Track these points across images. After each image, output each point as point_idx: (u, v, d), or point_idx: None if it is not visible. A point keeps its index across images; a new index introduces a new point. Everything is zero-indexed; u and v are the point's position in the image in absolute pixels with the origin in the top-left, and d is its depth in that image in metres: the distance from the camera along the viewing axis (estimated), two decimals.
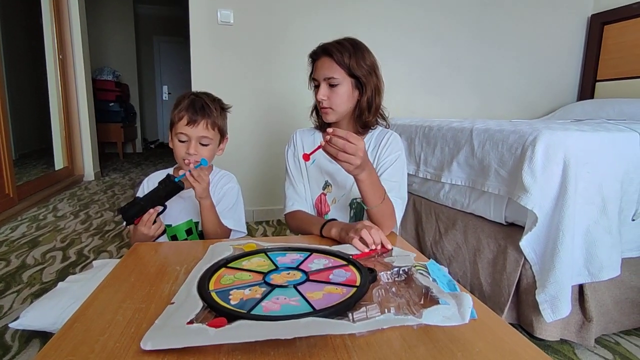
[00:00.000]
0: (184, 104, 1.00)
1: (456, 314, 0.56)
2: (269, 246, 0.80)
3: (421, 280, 0.63)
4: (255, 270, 0.69)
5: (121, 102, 5.36)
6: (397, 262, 0.73)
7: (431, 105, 2.83)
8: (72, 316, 0.56)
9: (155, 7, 6.47)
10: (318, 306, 0.56)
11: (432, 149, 1.65)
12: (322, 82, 1.04)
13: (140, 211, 0.93)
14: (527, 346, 0.51)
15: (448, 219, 1.56)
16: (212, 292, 0.60)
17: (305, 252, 0.78)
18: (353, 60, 1.02)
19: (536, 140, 1.13)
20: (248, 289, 0.61)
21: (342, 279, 0.66)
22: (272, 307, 0.56)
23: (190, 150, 1.00)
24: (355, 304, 0.56)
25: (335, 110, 1.06)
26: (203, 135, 1.01)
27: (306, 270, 0.69)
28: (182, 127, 0.99)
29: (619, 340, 1.24)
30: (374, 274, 0.66)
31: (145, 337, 0.48)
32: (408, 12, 2.67)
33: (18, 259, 1.79)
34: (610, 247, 1.14)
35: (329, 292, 0.61)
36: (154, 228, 0.95)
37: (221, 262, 0.71)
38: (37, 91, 3.84)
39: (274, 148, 2.52)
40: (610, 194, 1.14)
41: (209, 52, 2.34)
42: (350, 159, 0.81)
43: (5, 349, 1.13)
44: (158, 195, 0.93)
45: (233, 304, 0.57)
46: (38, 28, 3.33)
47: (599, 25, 2.93)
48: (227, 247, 0.80)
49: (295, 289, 0.62)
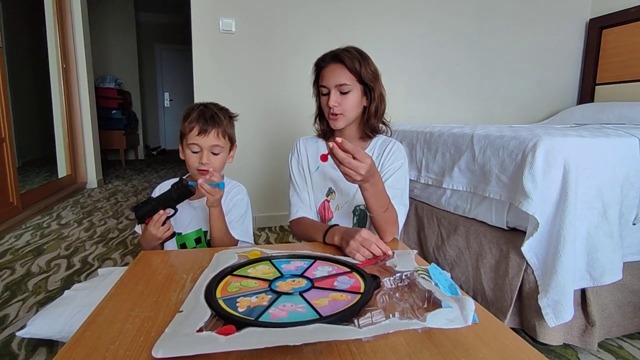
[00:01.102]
0: (194, 115, 1.02)
1: (459, 317, 0.57)
2: (274, 254, 0.81)
3: (424, 284, 0.64)
4: (260, 277, 0.70)
5: (123, 109, 5.39)
6: (399, 265, 0.75)
7: (431, 111, 2.85)
8: (83, 324, 0.57)
9: (157, 16, 6.54)
10: (324, 313, 0.57)
11: (433, 155, 1.66)
12: (332, 89, 1.05)
13: (151, 210, 0.95)
14: (529, 351, 0.52)
15: (450, 224, 1.57)
16: (220, 300, 0.61)
17: (309, 260, 0.79)
18: (362, 67, 1.04)
19: (536, 146, 1.14)
20: (255, 297, 0.62)
21: (346, 285, 0.67)
22: (279, 314, 0.57)
23: (203, 160, 1.02)
24: (360, 310, 0.58)
25: (345, 116, 1.08)
26: (214, 144, 1.03)
27: (311, 277, 0.70)
28: (193, 137, 1.01)
29: (622, 344, 1.24)
30: (378, 281, 0.67)
31: (156, 346, 0.49)
32: (408, 20, 2.70)
33: (23, 267, 1.81)
34: (611, 251, 1.15)
35: (334, 299, 0.62)
36: (162, 230, 0.96)
37: (227, 270, 0.73)
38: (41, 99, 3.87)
39: (276, 155, 2.54)
40: (611, 198, 1.15)
41: (210, 60, 2.37)
42: (350, 173, 0.81)
43: (12, 358, 1.14)
44: (170, 198, 0.95)
45: (240, 311, 0.58)
46: (42, 37, 3.37)
47: (597, 30, 2.95)
48: (232, 255, 0.81)
49: (301, 296, 0.63)
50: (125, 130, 5.36)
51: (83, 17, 3.52)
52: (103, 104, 4.96)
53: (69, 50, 3.47)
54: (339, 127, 1.10)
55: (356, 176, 0.81)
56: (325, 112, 1.11)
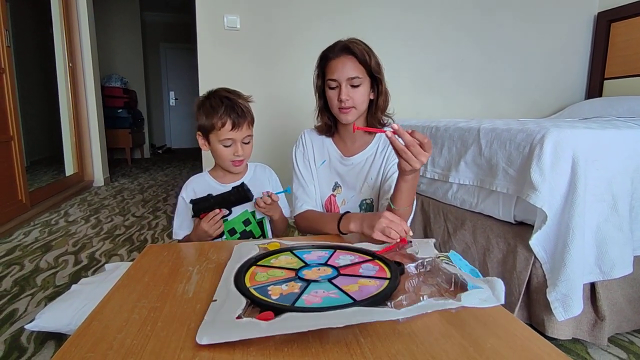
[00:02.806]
0: (222, 110, 1.00)
1: (491, 297, 0.59)
2: (294, 244, 0.81)
3: (449, 268, 0.65)
4: (285, 267, 0.70)
5: (129, 108, 5.43)
6: (420, 253, 0.75)
7: (437, 107, 2.83)
8: (90, 315, 0.58)
9: (162, 15, 6.57)
10: (357, 297, 0.57)
11: (439, 149, 1.65)
12: (344, 82, 1.02)
13: (208, 207, 1.00)
14: (538, 340, 0.51)
15: (457, 219, 1.56)
16: (251, 289, 0.61)
17: (329, 250, 0.79)
18: (371, 59, 1.03)
19: (544, 138, 1.13)
20: (285, 285, 0.63)
21: (372, 272, 0.67)
22: (313, 300, 0.57)
23: (238, 152, 1.03)
24: (391, 294, 0.58)
25: (357, 109, 1.05)
26: (246, 135, 1.04)
27: (335, 265, 0.70)
28: (226, 132, 1.01)
29: (633, 340, 1.22)
30: (402, 267, 0.67)
31: (199, 333, 0.49)
32: (412, 15, 2.68)
33: (32, 263, 1.83)
34: (621, 244, 1.13)
35: (363, 284, 0.62)
36: (214, 227, 0.99)
37: (251, 261, 0.72)
38: (48, 99, 3.91)
39: (281, 151, 2.53)
40: (621, 191, 1.13)
41: (215, 57, 2.37)
42: (411, 159, 0.80)
43: (22, 351, 1.15)
44: (229, 199, 1.00)
45: (274, 298, 0.58)
46: (49, 38, 3.40)
47: (605, 23, 2.91)
48: (252, 247, 0.81)
49: (330, 282, 0.63)
50: (131, 129, 5.39)
51: (89, 17, 3.54)
52: (109, 103, 5.00)
53: (75, 50, 3.50)
54: (349, 121, 1.07)
55: (416, 163, 0.80)
56: (333, 105, 1.07)
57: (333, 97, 1.06)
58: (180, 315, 0.57)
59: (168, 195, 3.41)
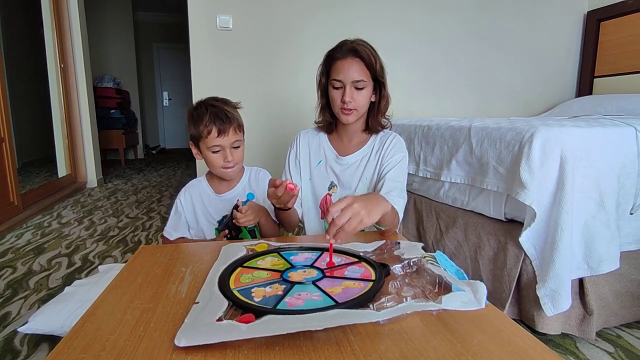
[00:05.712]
0: (207, 117, 1.01)
1: (473, 300, 0.59)
2: (281, 246, 0.82)
3: (433, 269, 0.66)
4: (271, 269, 0.71)
5: (122, 109, 5.39)
6: (406, 254, 0.75)
7: (430, 105, 2.85)
8: (83, 316, 0.58)
9: (155, 14, 6.53)
10: (340, 299, 0.58)
11: (431, 148, 1.67)
12: (348, 84, 1.03)
13: (223, 228, 1.11)
14: (524, 335, 0.53)
15: (448, 217, 1.58)
16: (234, 291, 0.61)
17: (316, 251, 0.80)
18: (377, 62, 1.04)
19: (533, 136, 1.15)
20: (269, 287, 0.63)
21: (357, 274, 0.68)
22: (295, 302, 0.58)
23: (227, 158, 1.04)
24: (374, 296, 0.59)
25: (358, 111, 1.07)
26: (234, 140, 1.04)
27: (321, 267, 0.71)
28: (213, 140, 1.02)
29: (620, 333, 1.25)
30: (387, 269, 0.68)
31: (178, 335, 0.49)
32: (406, 13, 2.69)
33: (24, 266, 1.81)
34: (608, 240, 1.16)
35: (347, 286, 0.63)
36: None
37: (237, 262, 0.73)
38: (40, 100, 3.87)
39: (276, 151, 2.54)
40: (608, 188, 1.16)
41: (208, 57, 2.37)
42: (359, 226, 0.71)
43: (15, 354, 1.14)
44: (229, 223, 1.07)
45: (257, 300, 0.58)
46: (39, 38, 3.36)
47: (595, 22, 2.94)
48: (240, 248, 0.81)
49: (314, 285, 0.64)
50: (125, 130, 5.35)
51: (80, 17, 3.51)
52: (102, 104, 4.96)
53: (66, 50, 3.46)
54: (350, 122, 1.09)
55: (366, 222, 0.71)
56: (335, 105, 1.08)
57: (336, 97, 1.07)
58: (173, 316, 0.57)
59: (162, 196, 3.40)
